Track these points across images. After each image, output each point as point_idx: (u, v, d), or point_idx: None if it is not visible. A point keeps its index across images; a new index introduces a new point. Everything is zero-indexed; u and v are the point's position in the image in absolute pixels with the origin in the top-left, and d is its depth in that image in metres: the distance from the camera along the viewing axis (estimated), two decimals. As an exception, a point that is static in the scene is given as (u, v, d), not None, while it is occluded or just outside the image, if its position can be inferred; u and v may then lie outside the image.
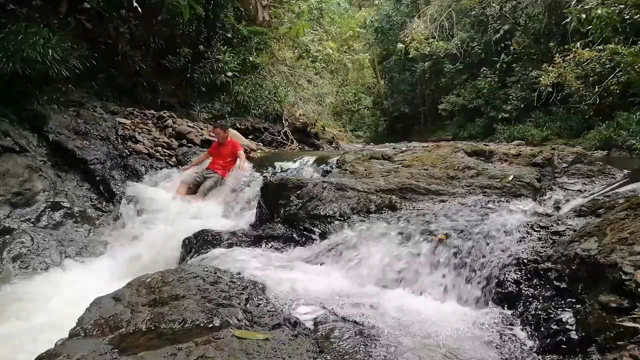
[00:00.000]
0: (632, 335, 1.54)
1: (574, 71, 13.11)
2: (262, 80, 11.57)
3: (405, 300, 2.41)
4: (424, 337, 1.94)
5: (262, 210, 4.17)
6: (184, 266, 2.61)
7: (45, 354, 1.53)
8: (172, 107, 9.27)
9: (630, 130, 11.15)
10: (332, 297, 2.39)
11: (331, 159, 5.73)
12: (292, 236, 3.56)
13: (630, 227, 2.04)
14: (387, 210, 3.56)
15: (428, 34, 22.40)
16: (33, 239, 4.19)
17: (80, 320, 1.79)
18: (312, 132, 12.37)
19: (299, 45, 14.96)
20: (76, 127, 5.87)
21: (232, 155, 6.18)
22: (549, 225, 2.60)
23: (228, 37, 10.83)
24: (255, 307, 1.90)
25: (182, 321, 1.72)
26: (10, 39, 4.79)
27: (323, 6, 18.36)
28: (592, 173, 4.40)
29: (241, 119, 10.58)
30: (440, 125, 24.97)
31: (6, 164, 4.59)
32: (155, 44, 8.81)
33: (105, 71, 7.79)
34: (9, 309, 3.24)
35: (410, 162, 4.80)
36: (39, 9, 5.95)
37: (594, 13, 10.60)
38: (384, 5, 27.38)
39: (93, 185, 5.42)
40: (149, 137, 7.06)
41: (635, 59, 10.70)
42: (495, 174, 4.30)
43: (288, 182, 4.07)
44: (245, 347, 1.49)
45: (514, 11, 19.28)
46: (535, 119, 17.40)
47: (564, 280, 2.10)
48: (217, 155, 6.20)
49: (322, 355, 1.64)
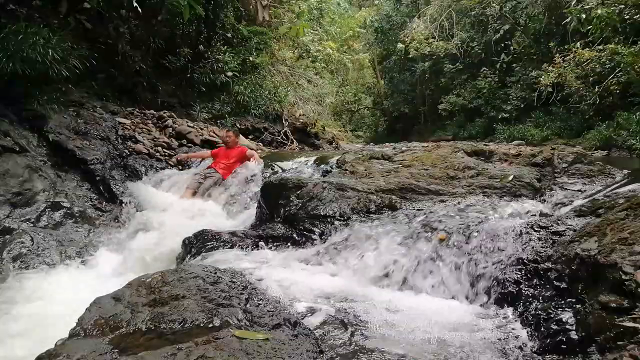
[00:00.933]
0: (632, 335, 1.54)
1: (574, 71, 13.12)
2: (262, 80, 11.58)
3: (406, 300, 2.41)
4: (423, 336, 1.94)
5: (262, 210, 4.17)
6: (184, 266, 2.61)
7: (45, 354, 1.53)
8: (172, 107, 9.27)
9: (630, 130, 11.15)
10: (332, 297, 2.39)
11: (331, 159, 5.72)
12: (292, 236, 3.55)
13: (630, 227, 2.04)
14: (387, 210, 3.56)
15: (428, 34, 22.41)
16: (33, 239, 4.19)
17: (80, 320, 1.78)
18: (312, 132, 12.37)
19: (299, 45, 14.97)
20: (76, 127, 5.87)
21: (237, 157, 6.29)
22: (549, 225, 2.59)
23: (228, 37, 10.83)
24: (255, 307, 1.90)
25: (182, 321, 1.72)
26: (10, 39, 4.79)
27: (323, 6, 18.38)
28: (592, 173, 4.39)
29: (241, 119, 10.59)
30: (440, 125, 24.99)
31: (6, 164, 4.59)
32: (155, 44, 8.81)
33: (105, 71, 7.78)
34: (8, 309, 3.24)
35: (410, 162, 4.80)
36: (39, 9, 5.94)
37: (594, 13, 10.60)
38: (384, 5, 27.39)
39: (93, 185, 5.42)
40: (149, 137, 7.07)
41: (635, 59, 10.70)
42: (495, 174, 4.30)
43: (288, 182, 4.07)
44: (245, 347, 1.49)
45: (514, 11, 19.30)
46: (535, 119, 17.41)
47: (564, 280, 2.10)
48: (222, 156, 6.31)
49: (322, 355, 1.64)
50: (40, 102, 5.36)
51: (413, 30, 22.43)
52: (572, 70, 13.15)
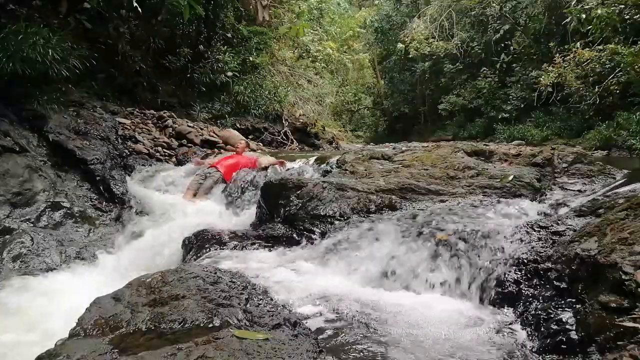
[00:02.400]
0: (632, 335, 1.54)
1: (574, 71, 13.11)
2: (262, 80, 11.58)
3: (406, 299, 2.41)
4: (424, 336, 1.94)
5: (262, 210, 4.17)
6: (184, 266, 2.61)
7: (45, 354, 1.53)
8: (172, 107, 9.28)
9: (630, 130, 11.16)
10: (332, 297, 2.39)
11: (331, 159, 5.72)
12: (292, 236, 3.56)
13: (630, 227, 2.04)
14: (387, 210, 3.56)
15: (428, 34, 22.40)
16: (33, 239, 4.19)
17: (80, 320, 1.78)
18: (312, 132, 12.37)
19: (299, 45, 14.97)
20: (76, 127, 5.86)
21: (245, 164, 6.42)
22: (549, 225, 2.60)
23: (228, 37, 10.83)
24: (255, 307, 1.90)
25: (182, 321, 1.72)
26: (10, 39, 4.78)
27: (323, 6, 18.37)
28: (592, 173, 4.39)
29: (241, 119, 10.59)
30: (440, 125, 24.98)
31: (6, 164, 4.58)
32: (155, 44, 8.81)
33: (105, 71, 7.79)
34: (8, 309, 3.24)
35: (410, 162, 4.80)
36: (39, 9, 5.94)
37: (594, 13, 10.60)
38: (384, 5, 27.38)
39: (93, 185, 5.40)
40: (149, 137, 7.07)
41: (635, 59, 10.70)
42: (495, 174, 4.30)
43: (288, 182, 4.07)
44: (245, 347, 1.48)
45: (514, 11, 19.29)
46: (535, 119, 17.40)
47: (564, 280, 2.10)
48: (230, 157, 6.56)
49: (322, 355, 1.64)
50: (40, 102, 5.35)
51: (413, 30, 22.42)
52: (572, 70, 13.14)
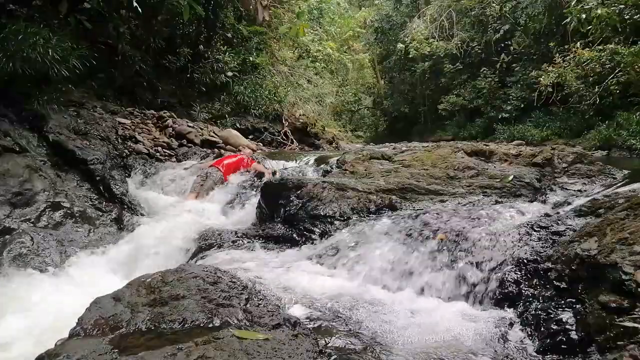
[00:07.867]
0: (632, 335, 1.54)
1: (574, 71, 13.12)
2: (262, 80, 11.59)
3: (406, 299, 2.41)
4: (424, 336, 1.94)
5: (262, 210, 4.17)
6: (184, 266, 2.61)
7: (45, 354, 1.53)
8: (172, 107, 9.28)
9: (630, 130, 11.17)
10: (332, 297, 2.39)
11: (331, 159, 5.73)
12: (292, 236, 3.55)
13: (630, 227, 2.04)
14: (387, 210, 3.56)
15: (428, 34, 22.43)
16: (33, 239, 4.18)
17: (80, 320, 1.78)
18: (312, 132, 12.38)
19: (299, 45, 14.98)
20: (76, 127, 5.87)
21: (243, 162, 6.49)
22: (549, 225, 2.59)
23: (228, 37, 10.84)
24: (255, 307, 1.90)
25: (182, 321, 1.72)
26: (10, 39, 4.78)
27: (323, 6, 18.38)
28: (592, 173, 4.39)
29: (241, 119, 10.60)
30: (440, 125, 24.97)
31: (6, 164, 4.58)
32: (155, 44, 8.81)
33: (105, 71, 7.79)
34: (7, 309, 3.23)
35: (410, 162, 4.80)
36: (39, 9, 5.94)
37: (594, 13, 10.60)
38: (384, 5, 27.38)
39: (93, 185, 5.41)
40: (149, 137, 7.07)
41: (635, 59, 10.71)
42: (495, 174, 4.30)
43: (288, 182, 4.07)
44: (245, 347, 1.48)
45: (514, 11, 19.30)
46: (535, 119, 17.40)
47: (564, 280, 2.10)
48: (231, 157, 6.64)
49: (321, 355, 1.64)
50: (40, 102, 5.35)
51: (413, 30, 22.44)
52: (572, 70, 13.14)
